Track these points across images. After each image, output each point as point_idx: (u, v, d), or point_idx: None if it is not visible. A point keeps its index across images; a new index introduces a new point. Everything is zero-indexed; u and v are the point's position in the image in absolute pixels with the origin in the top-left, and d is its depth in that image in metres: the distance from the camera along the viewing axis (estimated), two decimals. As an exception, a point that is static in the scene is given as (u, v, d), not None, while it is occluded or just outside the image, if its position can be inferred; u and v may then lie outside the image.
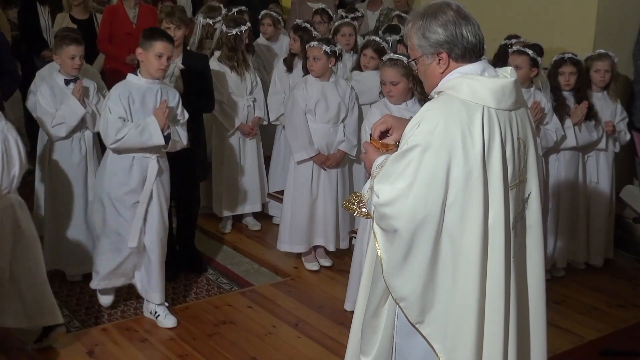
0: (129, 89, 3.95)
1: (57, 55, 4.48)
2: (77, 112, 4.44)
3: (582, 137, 4.86)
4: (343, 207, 2.95)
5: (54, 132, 4.46)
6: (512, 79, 2.32)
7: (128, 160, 3.96)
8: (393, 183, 2.21)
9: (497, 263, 2.27)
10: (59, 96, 4.46)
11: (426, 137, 2.19)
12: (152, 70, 3.94)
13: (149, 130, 3.87)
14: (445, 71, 2.32)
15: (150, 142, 3.90)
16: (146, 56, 3.92)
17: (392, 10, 7.28)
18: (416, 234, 2.21)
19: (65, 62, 4.44)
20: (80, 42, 4.48)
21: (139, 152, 3.96)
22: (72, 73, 4.47)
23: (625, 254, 5.42)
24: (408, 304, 2.28)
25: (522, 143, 2.36)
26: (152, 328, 4.11)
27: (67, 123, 4.43)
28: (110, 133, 3.85)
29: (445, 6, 2.29)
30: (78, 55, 4.43)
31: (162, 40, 3.93)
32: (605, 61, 4.96)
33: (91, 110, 4.52)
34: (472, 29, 2.28)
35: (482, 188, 2.22)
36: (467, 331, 2.27)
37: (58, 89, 4.49)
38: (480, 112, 2.23)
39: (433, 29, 2.27)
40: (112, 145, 3.89)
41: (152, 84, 3.99)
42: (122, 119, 3.88)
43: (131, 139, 3.86)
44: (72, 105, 4.43)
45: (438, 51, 2.29)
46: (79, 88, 4.44)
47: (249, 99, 5.41)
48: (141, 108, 3.94)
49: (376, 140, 2.56)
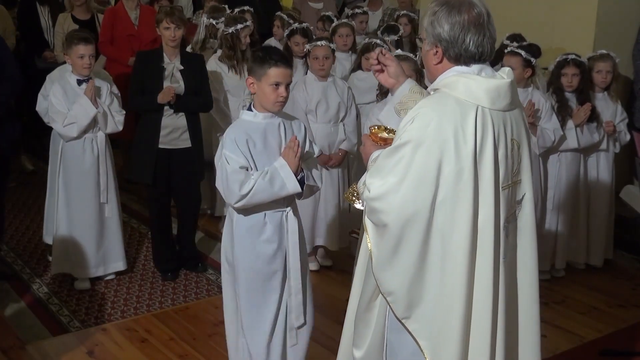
0: (246, 130, 3.13)
1: (68, 56, 4.49)
2: (89, 111, 4.44)
3: (583, 139, 4.85)
4: (345, 197, 2.98)
5: (66, 132, 4.47)
6: (508, 80, 2.33)
7: (259, 219, 3.18)
8: (384, 178, 2.22)
9: (485, 263, 2.28)
10: (71, 96, 4.47)
11: (418, 134, 2.20)
12: (268, 103, 3.13)
13: (279, 178, 3.09)
14: (439, 64, 2.33)
15: (283, 191, 3.11)
16: (260, 87, 3.11)
17: (396, 10, 7.29)
18: (405, 230, 2.21)
19: (75, 62, 4.45)
20: (89, 41, 4.48)
21: (270, 208, 3.17)
22: (83, 73, 4.47)
23: (625, 254, 5.42)
24: (395, 298, 2.29)
25: (517, 144, 2.36)
26: (152, 328, 4.11)
27: (78, 123, 4.44)
28: (234, 188, 3.04)
29: (466, 7, 2.25)
30: (87, 54, 4.42)
31: (278, 66, 3.07)
32: (607, 62, 4.94)
33: (103, 110, 4.52)
34: (478, 40, 2.26)
35: (472, 187, 2.22)
36: (453, 329, 2.27)
37: (70, 89, 4.50)
38: (474, 111, 2.23)
39: (441, 22, 2.27)
40: (239, 203, 3.07)
41: (272, 118, 3.19)
42: (244, 168, 3.08)
43: (260, 191, 3.06)
44: (84, 104, 4.43)
45: (436, 44, 2.31)
46: (91, 87, 4.45)
47: (246, 100, 5.41)
48: (264, 150, 3.14)
49: (374, 133, 2.58)
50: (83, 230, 4.58)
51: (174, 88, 4.54)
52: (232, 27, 5.30)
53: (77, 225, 4.58)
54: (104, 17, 6.37)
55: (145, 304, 4.50)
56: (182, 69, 4.63)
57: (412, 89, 2.72)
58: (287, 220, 3.20)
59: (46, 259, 5.00)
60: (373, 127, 2.63)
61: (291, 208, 3.22)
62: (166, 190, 4.78)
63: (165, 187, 4.75)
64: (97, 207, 4.62)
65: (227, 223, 3.27)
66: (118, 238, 4.72)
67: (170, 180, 4.73)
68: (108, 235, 4.68)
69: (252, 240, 3.16)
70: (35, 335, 4.03)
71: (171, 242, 4.96)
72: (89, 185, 4.58)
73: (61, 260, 4.60)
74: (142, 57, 4.85)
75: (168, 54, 4.64)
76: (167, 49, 4.63)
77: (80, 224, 4.58)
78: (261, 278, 3.19)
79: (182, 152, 4.69)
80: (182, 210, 4.92)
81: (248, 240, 3.16)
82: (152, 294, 4.61)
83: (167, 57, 4.64)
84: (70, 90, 4.49)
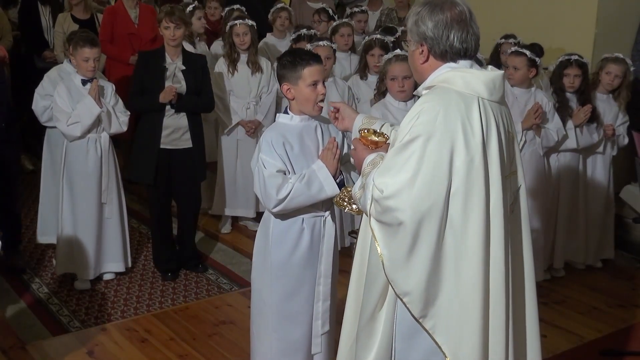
0: (282, 133, 3.04)
1: (73, 57, 4.49)
2: (93, 111, 4.44)
3: (583, 139, 4.84)
4: (334, 202, 2.93)
5: (69, 131, 4.46)
6: (501, 72, 2.37)
7: (297, 223, 3.09)
8: (395, 175, 2.21)
9: (498, 252, 2.28)
10: (75, 96, 4.48)
11: (427, 128, 2.20)
12: (309, 105, 3.03)
13: (317, 180, 2.99)
14: (425, 63, 2.35)
15: (322, 194, 3.00)
16: (298, 90, 3.01)
17: (393, 10, 7.29)
18: (421, 225, 2.20)
19: (80, 64, 4.45)
20: (95, 43, 4.46)
21: (307, 212, 3.08)
22: (87, 75, 4.48)
23: (625, 254, 5.42)
24: (412, 298, 2.27)
25: (511, 136, 2.39)
26: (152, 328, 4.11)
27: (82, 122, 4.44)
28: (271, 193, 2.95)
29: (449, 5, 2.30)
30: (92, 57, 4.41)
31: (311, 64, 3.00)
32: (619, 66, 4.90)
33: (106, 110, 4.52)
34: (462, 36, 2.29)
35: (483, 176, 2.23)
36: (472, 322, 2.26)
37: (75, 89, 4.50)
38: (476, 102, 2.26)
39: (425, 21, 2.30)
40: (277, 207, 2.98)
41: (308, 120, 3.11)
42: (281, 172, 2.98)
43: (298, 195, 2.96)
44: (88, 104, 4.43)
45: (421, 42, 2.33)
46: (95, 87, 4.45)
47: (252, 102, 5.39)
48: (301, 153, 3.05)
49: (364, 137, 2.58)
50: (85, 231, 4.58)
51: (175, 88, 4.54)
52: (228, 24, 5.35)
53: (80, 225, 4.58)
54: (104, 15, 6.36)
55: (145, 304, 4.50)
56: (184, 69, 4.63)
57: (364, 119, 2.85)
58: (324, 225, 3.11)
59: (46, 259, 5.00)
60: (362, 131, 2.63)
61: (330, 212, 3.13)
62: (167, 191, 4.78)
63: (166, 187, 4.75)
64: (100, 207, 4.61)
65: (263, 226, 3.20)
66: (117, 239, 4.71)
67: (170, 181, 4.73)
68: (107, 236, 4.67)
69: (288, 246, 3.09)
70: (35, 335, 4.03)
71: (171, 242, 4.96)
72: (92, 186, 4.57)
73: (66, 261, 4.60)
74: (144, 57, 4.84)
75: (170, 54, 4.63)
76: (168, 48, 4.63)
77: (83, 225, 4.58)
78: (292, 282, 3.12)
79: (183, 153, 4.69)
80: (183, 211, 4.92)
81: (284, 245, 3.09)
82: (152, 294, 4.61)
83: (169, 57, 4.63)
84: (75, 90, 4.49)
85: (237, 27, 5.27)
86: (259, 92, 5.40)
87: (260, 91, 5.40)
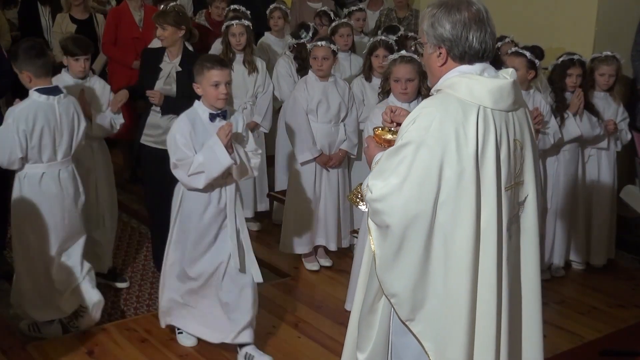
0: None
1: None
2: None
3: (584, 127, 4.82)
4: (348, 198, 2.97)
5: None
6: (511, 80, 2.32)
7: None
8: (386, 179, 2.22)
9: (489, 264, 2.27)
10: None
11: (420, 134, 2.20)
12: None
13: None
14: (443, 66, 2.31)
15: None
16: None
17: (392, 10, 7.29)
18: (408, 231, 2.21)
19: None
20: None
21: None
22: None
23: (626, 254, 5.42)
24: (399, 300, 2.28)
25: (519, 145, 2.34)
26: (152, 328, 4.11)
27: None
28: None
29: (465, 5, 2.26)
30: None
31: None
32: (611, 65, 4.92)
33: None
34: (481, 36, 2.25)
35: (474, 188, 2.21)
36: (458, 331, 2.26)
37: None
38: (475, 111, 2.22)
39: (442, 22, 2.26)
40: None
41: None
42: None
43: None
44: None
45: (439, 45, 2.29)
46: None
47: (247, 103, 5.39)
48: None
49: (378, 135, 2.56)
50: None
51: (158, 93, 4.49)
52: (225, 24, 5.37)
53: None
54: (108, 17, 6.32)
55: (145, 304, 4.50)
56: (179, 71, 4.60)
57: None
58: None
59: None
60: (377, 129, 2.61)
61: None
62: (165, 191, 4.76)
63: (164, 187, 4.73)
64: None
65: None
66: None
67: (168, 181, 4.71)
68: None
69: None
70: (35, 335, 4.02)
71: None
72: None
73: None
74: (146, 55, 4.85)
75: (169, 54, 4.63)
76: (167, 48, 4.63)
77: None
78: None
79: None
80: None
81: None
82: (152, 294, 4.61)
83: (167, 57, 4.63)
84: None
85: (234, 28, 5.30)
86: (255, 92, 5.41)
87: (256, 91, 5.42)
